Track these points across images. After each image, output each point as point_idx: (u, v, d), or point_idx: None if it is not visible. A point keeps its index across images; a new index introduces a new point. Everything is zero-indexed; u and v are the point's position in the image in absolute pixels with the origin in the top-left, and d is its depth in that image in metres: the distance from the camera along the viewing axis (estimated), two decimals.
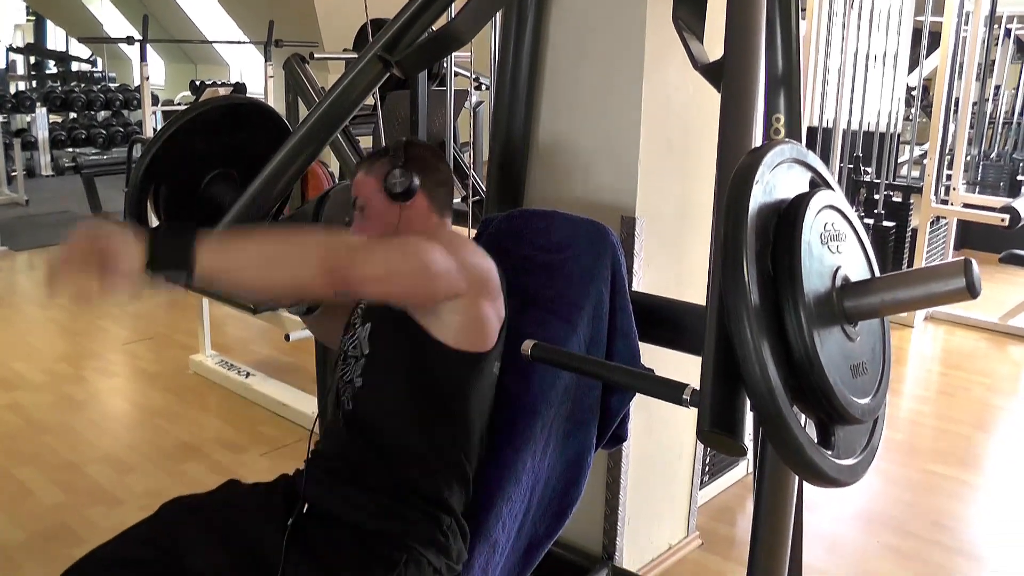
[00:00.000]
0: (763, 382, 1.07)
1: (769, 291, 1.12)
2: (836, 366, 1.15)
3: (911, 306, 1.20)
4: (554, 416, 1.83)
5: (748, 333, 1.07)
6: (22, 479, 3.40)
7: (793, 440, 1.11)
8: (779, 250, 1.14)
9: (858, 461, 1.25)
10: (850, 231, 1.27)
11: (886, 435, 3.90)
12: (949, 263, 1.13)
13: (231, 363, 4.44)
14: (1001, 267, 6.55)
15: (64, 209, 8.60)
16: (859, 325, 1.23)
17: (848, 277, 1.22)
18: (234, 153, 2.18)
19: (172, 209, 2.13)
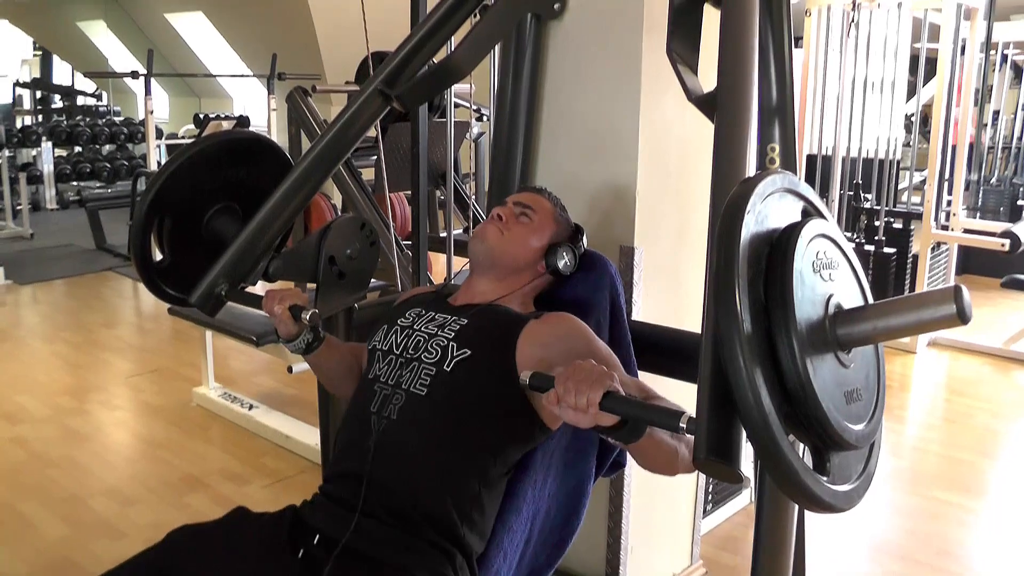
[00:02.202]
0: (757, 409, 1.08)
1: (762, 319, 1.13)
2: (829, 393, 1.16)
3: (903, 333, 1.21)
4: (554, 446, 1.84)
5: (741, 360, 1.08)
6: (25, 513, 3.40)
7: (788, 466, 1.11)
8: (771, 279, 1.15)
9: (854, 487, 1.25)
10: (842, 259, 1.28)
11: (890, 463, 3.91)
12: (939, 290, 1.14)
13: (234, 395, 4.45)
14: (1003, 292, 6.57)
15: (69, 243, 8.64)
16: (852, 352, 1.23)
17: (841, 305, 1.22)
18: (237, 187, 2.20)
19: (175, 243, 2.14)
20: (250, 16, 9.41)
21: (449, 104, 3.32)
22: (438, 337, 1.74)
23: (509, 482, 1.75)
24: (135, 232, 2.07)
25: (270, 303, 1.88)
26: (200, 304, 2.10)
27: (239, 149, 2.20)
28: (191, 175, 2.12)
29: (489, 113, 3.55)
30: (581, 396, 1.30)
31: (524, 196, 1.93)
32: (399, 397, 1.70)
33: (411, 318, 1.82)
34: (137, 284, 7.17)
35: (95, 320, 6.22)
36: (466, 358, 1.70)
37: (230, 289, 2.11)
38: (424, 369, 1.71)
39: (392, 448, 1.66)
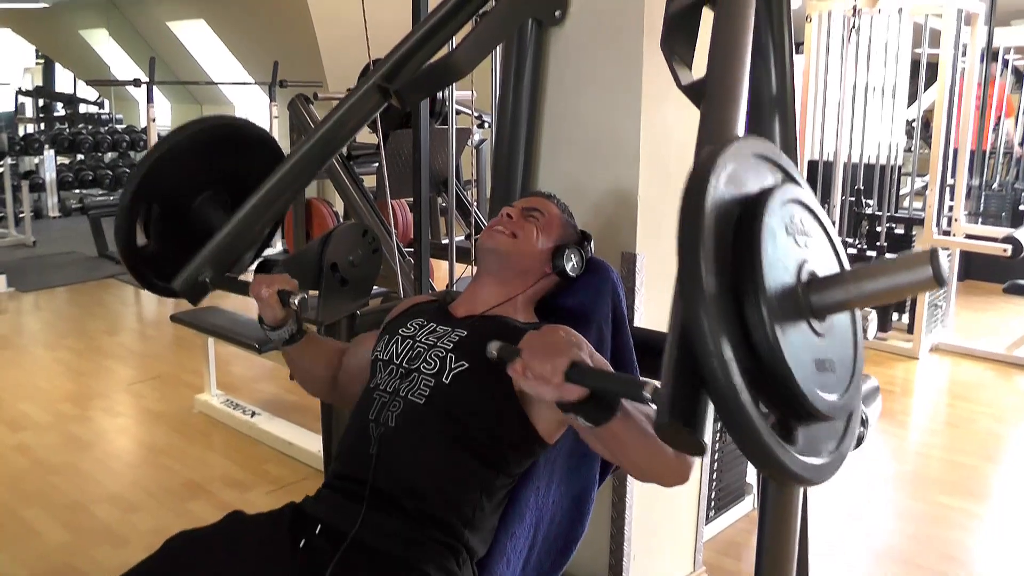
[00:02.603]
0: (720, 367, 1.04)
1: (729, 281, 1.09)
2: (799, 358, 1.12)
3: (878, 298, 1.17)
4: (557, 453, 1.84)
5: (704, 319, 1.04)
6: (28, 519, 3.40)
7: (751, 428, 1.07)
8: (740, 241, 1.12)
9: (825, 463, 1.21)
10: (818, 228, 1.25)
11: (893, 467, 3.91)
12: (915, 253, 1.11)
13: (236, 402, 4.45)
14: (1005, 297, 6.57)
15: (71, 250, 8.65)
16: (828, 322, 1.20)
17: (815, 272, 1.19)
18: (227, 176, 2.17)
19: (161, 229, 2.10)
20: (252, 24, 9.43)
21: (451, 110, 3.33)
22: (437, 348, 1.74)
23: (512, 489, 1.75)
24: (121, 216, 2.03)
25: (257, 287, 1.85)
26: (183, 290, 2.06)
27: (231, 136, 2.17)
28: (181, 160, 2.08)
29: (491, 120, 3.55)
30: (546, 363, 1.28)
31: (532, 200, 1.93)
32: (397, 404, 1.69)
33: (413, 328, 1.82)
34: (139, 291, 7.17)
35: (97, 327, 6.23)
36: (464, 371, 1.69)
37: (215, 276, 2.08)
38: (423, 380, 1.71)
39: (391, 455, 1.66)
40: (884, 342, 5.51)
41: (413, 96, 2.25)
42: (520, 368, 1.32)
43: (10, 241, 8.89)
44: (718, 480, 3.23)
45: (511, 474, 1.71)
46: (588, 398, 1.31)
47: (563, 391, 1.30)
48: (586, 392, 1.31)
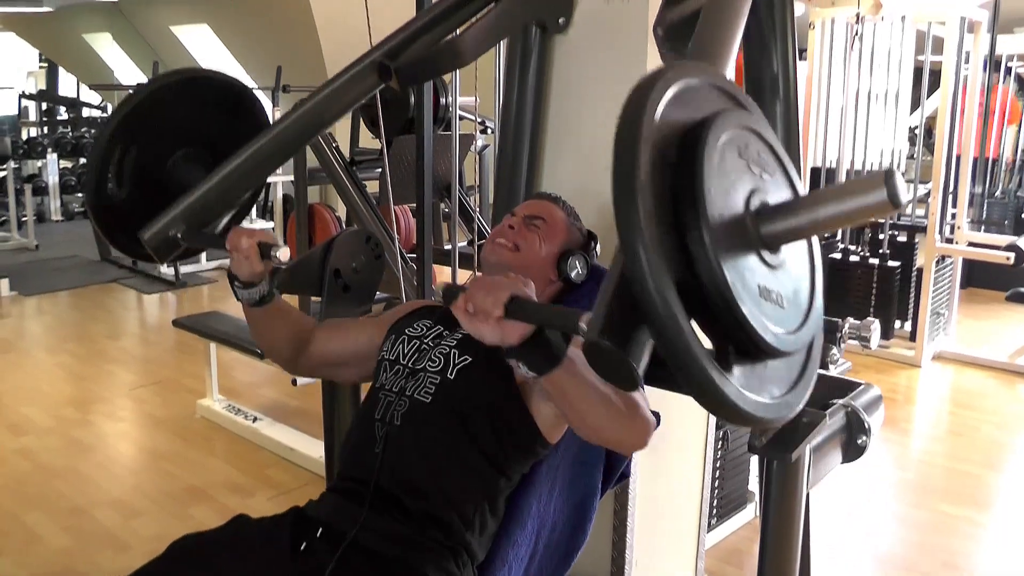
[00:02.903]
0: (653, 281, 0.99)
1: (669, 205, 1.05)
2: (744, 286, 1.07)
3: (832, 224, 1.13)
4: (559, 460, 1.84)
5: (639, 243, 0.99)
6: (30, 524, 3.40)
7: (686, 349, 1.01)
8: (683, 166, 1.07)
9: (769, 403, 1.13)
10: (771, 158, 1.21)
11: (896, 475, 3.91)
12: (869, 176, 1.06)
13: (238, 407, 4.45)
14: (1008, 305, 6.57)
15: (73, 254, 8.65)
16: (782, 257, 1.15)
17: (767, 202, 1.14)
18: (212, 136, 2.06)
19: (136, 178, 1.97)
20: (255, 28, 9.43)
21: (454, 116, 3.33)
22: (442, 346, 1.75)
23: (514, 496, 1.75)
24: (95, 155, 1.91)
25: (237, 236, 1.72)
26: (152, 242, 1.93)
27: (222, 93, 2.08)
28: (168, 106, 1.98)
29: (493, 126, 3.55)
30: (488, 296, 1.27)
31: (536, 207, 1.91)
32: (403, 404, 1.70)
33: (420, 329, 1.82)
34: (142, 296, 7.18)
35: (99, 331, 6.23)
36: (468, 364, 1.70)
37: (187, 232, 1.94)
38: (429, 378, 1.71)
39: (396, 454, 1.66)
40: (886, 350, 5.50)
41: (413, 77, 2.15)
42: (462, 303, 1.30)
43: (13, 245, 8.90)
44: (720, 488, 3.23)
45: (512, 476, 1.71)
46: (530, 343, 1.29)
47: (503, 328, 1.28)
48: (527, 331, 1.28)
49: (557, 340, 1.32)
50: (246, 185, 2.04)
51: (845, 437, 1.88)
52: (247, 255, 1.72)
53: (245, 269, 1.74)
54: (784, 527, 1.75)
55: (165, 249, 1.94)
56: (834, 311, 5.08)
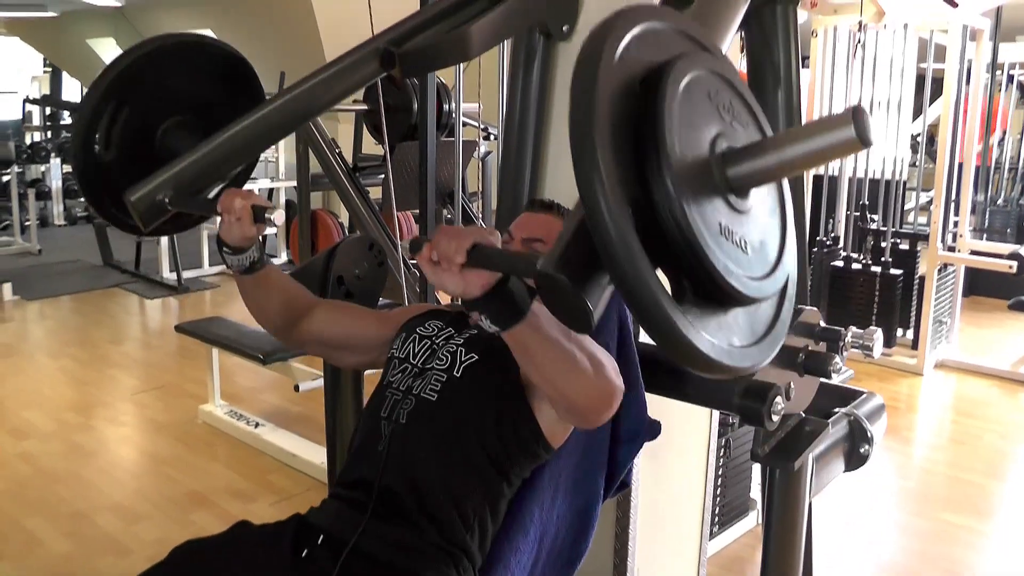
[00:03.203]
0: (612, 222, 0.96)
1: (629, 146, 1.03)
2: (705, 221, 1.05)
3: (800, 165, 1.09)
4: (562, 467, 1.83)
5: (595, 182, 0.97)
6: (31, 528, 3.40)
7: (645, 288, 0.99)
8: (644, 109, 1.04)
9: (728, 348, 1.11)
10: (739, 102, 1.19)
11: (898, 484, 3.90)
12: (837, 114, 1.03)
13: (240, 413, 4.45)
14: (1011, 314, 6.56)
15: (76, 259, 8.66)
16: (751, 203, 1.13)
17: (733, 146, 1.12)
18: (207, 104, 1.99)
19: (125, 139, 1.89)
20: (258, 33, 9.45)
21: (457, 123, 3.34)
22: (449, 345, 1.76)
23: (517, 502, 1.75)
24: (86, 110, 1.82)
25: (230, 198, 1.66)
26: (138, 206, 1.80)
27: (221, 63, 2.02)
28: (163, 70, 1.91)
29: (497, 132, 3.56)
30: (452, 242, 1.23)
31: (532, 225, 1.88)
32: (409, 402, 1.70)
33: (431, 329, 1.83)
34: (144, 300, 7.19)
35: (101, 336, 6.23)
36: (474, 362, 1.71)
37: (175, 197, 1.83)
38: (435, 376, 1.72)
39: (401, 452, 1.67)
40: (889, 358, 5.49)
41: (416, 67, 2.09)
42: (427, 252, 1.27)
43: (16, 249, 8.91)
44: (722, 496, 3.22)
45: (513, 479, 1.71)
46: (493, 295, 1.27)
47: (466, 278, 1.25)
48: (489, 282, 1.26)
49: (521, 293, 1.29)
50: (238, 158, 1.97)
51: (848, 446, 1.87)
52: (239, 216, 1.66)
53: (236, 232, 1.68)
54: (786, 535, 1.75)
55: (151, 214, 1.83)
56: (836, 319, 5.07)
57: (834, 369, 1.61)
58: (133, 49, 1.85)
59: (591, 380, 1.44)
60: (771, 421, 1.50)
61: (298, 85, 1.95)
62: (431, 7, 2.11)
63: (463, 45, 2.04)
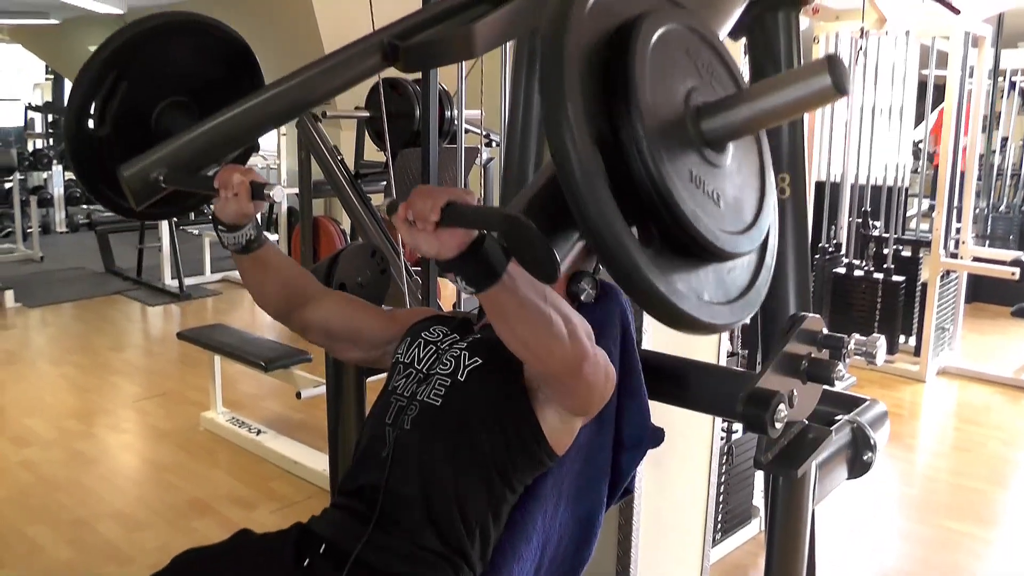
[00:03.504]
0: (574, 147, 0.96)
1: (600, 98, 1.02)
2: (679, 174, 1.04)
3: (776, 117, 1.09)
4: (565, 474, 1.83)
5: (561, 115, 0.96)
6: (32, 536, 3.40)
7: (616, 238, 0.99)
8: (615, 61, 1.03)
9: (700, 301, 1.10)
10: (720, 65, 1.19)
11: (901, 491, 3.89)
12: (811, 63, 1.01)
13: (242, 420, 4.44)
14: (1014, 321, 6.55)
15: (78, 266, 8.66)
16: (727, 161, 1.13)
17: (708, 100, 1.12)
18: (207, 88, 1.95)
19: (121, 115, 1.84)
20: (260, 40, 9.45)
21: (459, 129, 3.33)
22: (453, 349, 1.75)
23: (519, 509, 1.75)
24: (83, 80, 1.76)
25: (228, 173, 1.61)
26: (131, 182, 1.74)
27: (224, 47, 1.99)
28: (165, 48, 1.87)
29: (498, 139, 3.56)
30: (427, 200, 1.21)
31: None
32: (414, 408, 1.70)
33: (436, 334, 1.82)
34: (146, 307, 7.19)
35: (103, 343, 6.23)
36: (478, 366, 1.70)
37: (169, 175, 1.77)
38: (439, 380, 1.71)
39: (405, 457, 1.66)
40: (891, 365, 5.48)
41: (419, 62, 2.11)
42: (403, 211, 1.24)
43: (18, 256, 8.92)
44: (724, 503, 3.22)
45: (516, 487, 1.70)
46: (468, 255, 1.24)
47: (440, 238, 1.22)
48: (464, 241, 1.23)
49: (497, 255, 1.26)
50: (235, 141, 1.91)
51: (851, 453, 1.87)
52: (237, 191, 1.62)
53: (231, 208, 1.64)
54: (789, 543, 1.74)
55: (144, 192, 1.76)
56: (839, 326, 5.06)
57: (837, 376, 1.61)
58: (138, 22, 1.80)
59: (565, 343, 1.41)
60: (774, 428, 1.49)
61: (299, 73, 1.89)
62: (436, 4, 2.09)
63: (467, 42, 2.02)
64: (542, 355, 1.44)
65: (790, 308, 1.93)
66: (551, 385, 1.57)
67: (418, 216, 1.21)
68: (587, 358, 1.47)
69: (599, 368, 1.54)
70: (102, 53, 1.76)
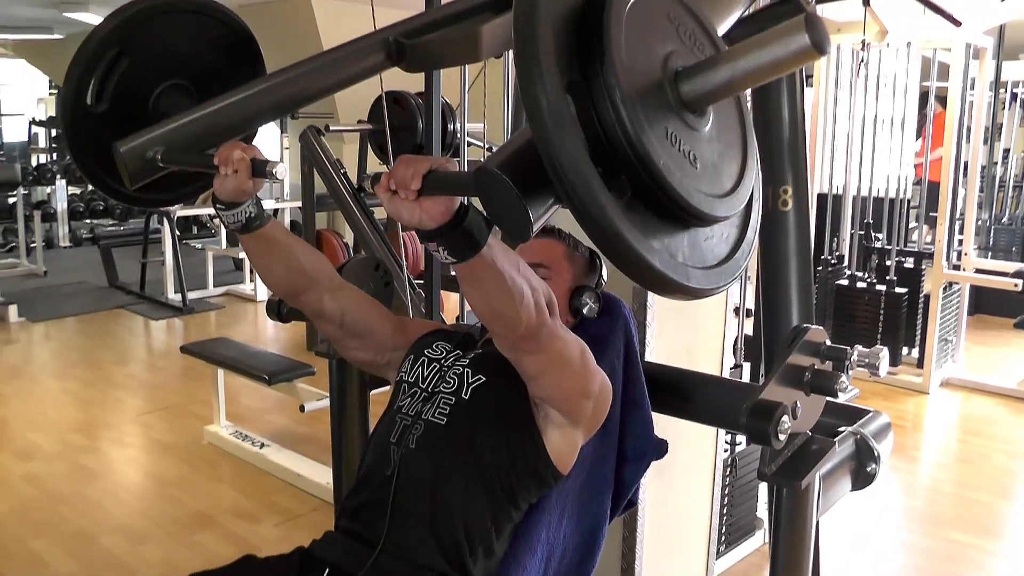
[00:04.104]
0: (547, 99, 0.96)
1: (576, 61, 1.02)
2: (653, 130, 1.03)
3: (756, 76, 1.07)
4: (569, 487, 1.83)
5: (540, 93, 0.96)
6: (36, 550, 3.39)
7: (579, 170, 0.98)
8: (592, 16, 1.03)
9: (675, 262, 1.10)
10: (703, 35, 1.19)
11: (904, 503, 3.88)
12: (788, 22, 1.00)
13: (245, 433, 4.44)
14: (1017, 332, 6.55)
15: (81, 280, 8.68)
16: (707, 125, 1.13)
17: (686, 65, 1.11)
18: (209, 74, 1.92)
19: (120, 95, 1.79)
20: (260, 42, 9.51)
21: (462, 142, 3.34)
22: (455, 367, 1.75)
23: (524, 522, 1.75)
24: (84, 53, 1.72)
25: (228, 149, 1.57)
26: (128, 157, 1.69)
27: (229, 36, 1.96)
28: (170, 29, 1.84)
29: None
30: (409, 168, 1.21)
31: (532, 252, 1.85)
32: (419, 427, 1.70)
33: (439, 351, 1.82)
34: (149, 322, 7.20)
35: (107, 357, 6.24)
36: (481, 384, 1.70)
37: (166, 154, 1.71)
38: (443, 399, 1.71)
39: (410, 477, 1.66)
40: (894, 377, 5.47)
41: (424, 62, 2.09)
42: (385, 180, 1.24)
43: (21, 271, 8.93)
44: (728, 515, 3.21)
45: (521, 503, 1.71)
46: (450, 226, 1.24)
47: (422, 207, 1.22)
48: (446, 211, 1.22)
49: (479, 225, 1.26)
50: (234, 128, 1.84)
51: (854, 465, 1.87)
52: (237, 168, 1.56)
53: (230, 185, 1.58)
54: (794, 554, 1.74)
55: (140, 171, 1.71)
56: (842, 338, 5.06)
57: (840, 388, 1.61)
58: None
59: (531, 312, 1.41)
60: (777, 440, 1.49)
61: (301, 64, 1.86)
62: (442, 8, 2.08)
63: (473, 44, 2.01)
64: (511, 322, 1.42)
65: (793, 320, 1.93)
66: (520, 362, 1.54)
67: (400, 184, 1.21)
68: (545, 323, 1.45)
69: (566, 343, 1.52)
70: (105, 27, 1.71)
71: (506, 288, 1.36)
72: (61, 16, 7.68)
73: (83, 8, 7.30)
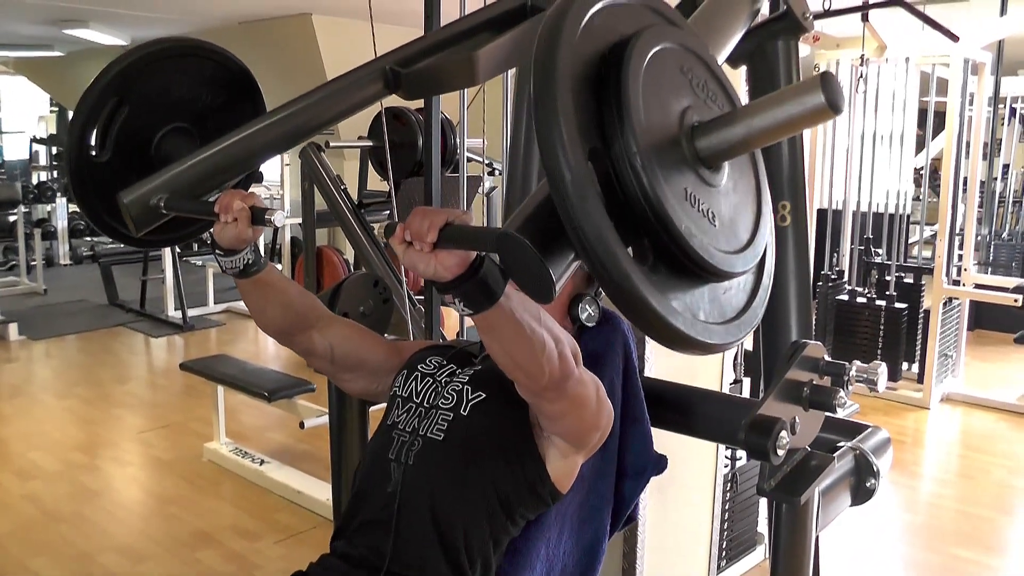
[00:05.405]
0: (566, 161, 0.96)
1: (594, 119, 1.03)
2: (673, 191, 1.04)
3: (772, 134, 1.08)
4: (568, 502, 1.83)
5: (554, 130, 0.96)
6: (36, 569, 3.38)
7: (600, 233, 0.98)
8: (610, 76, 1.04)
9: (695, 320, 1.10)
10: (716, 85, 1.19)
11: (905, 518, 3.88)
12: (804, 81, 1.02)
13: (246, 451, 4.44)
14: (1017, 348, 6.54)
15: (82, 298, 8.68)
16: (723, 180, 1.13)
17: (702, 120, 1.12)
18: (208, 115, 1.94)
19: (121, 140, 1.82)
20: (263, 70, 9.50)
21: (461, 158, 3.35)
22: (454, 383, 1.75)
23: (523, 538, 1.74)
24: (85, 105, 1.75)
25: (230, 198, 1.58)
26: (132, 208, 1.71)
27: (226, 75, 1.98)
28: (167, 73, 1.86)
29: (501, 168, 3.58)
30: (425, 220, 1.20)
31: None
32: (417, 443, 1.69)
33: (432, 366, 1.82)
34: (149, 339, 7.20)
35: (107, 375, 6.24)
36: (481, 401, 1.70)
37: (169, 200, 1.73)
38: (441, 415, 1.71)
39: (412, 494, 1.66)
40: (894, 392, 5.47)
41: (420, 89, 2.03)
42: (400, 232, 1.23)
43: (22, 289, 8.93)
44: (729, 530, 3.20)
45: (519, 520, 1.70)
46: (466, 277, 1.23)
47: (438, 259, 1.20)
48: (462, 264, 1.21)
49: (495, 276, 1.25)
50: (237, 167, 1.88)
51: (854, 480, 1.87)
52: (236, 217, 1.59)
53: (230, 233, 1.60)
54: (793, 570, 1.74)
55: (145, 218, 1.73)
56: (841, 353, 5.06)
57: (839, 403, 1.61)
58: (140, 48, 1.80)
59: (555, 363, 1.41)
60: (776, 456, 1.49)
61: (300, 99, 1.89)
62: (438, 32, 2.09)
63: (470, 70, 2.01)
64: (533, 373, 1.43)
65: (792, 335, 1.93)
66: (540, 407, 1.56)
67: (416, 236, 1.20)
68: (571, 375, 1.46)
69: (587, 388, 1.53)
70: (104, 78, 1.74)
71: (525, 338, 1.36)
72: (61, 33, 7.70)
73: (83, 25, 7.31)
